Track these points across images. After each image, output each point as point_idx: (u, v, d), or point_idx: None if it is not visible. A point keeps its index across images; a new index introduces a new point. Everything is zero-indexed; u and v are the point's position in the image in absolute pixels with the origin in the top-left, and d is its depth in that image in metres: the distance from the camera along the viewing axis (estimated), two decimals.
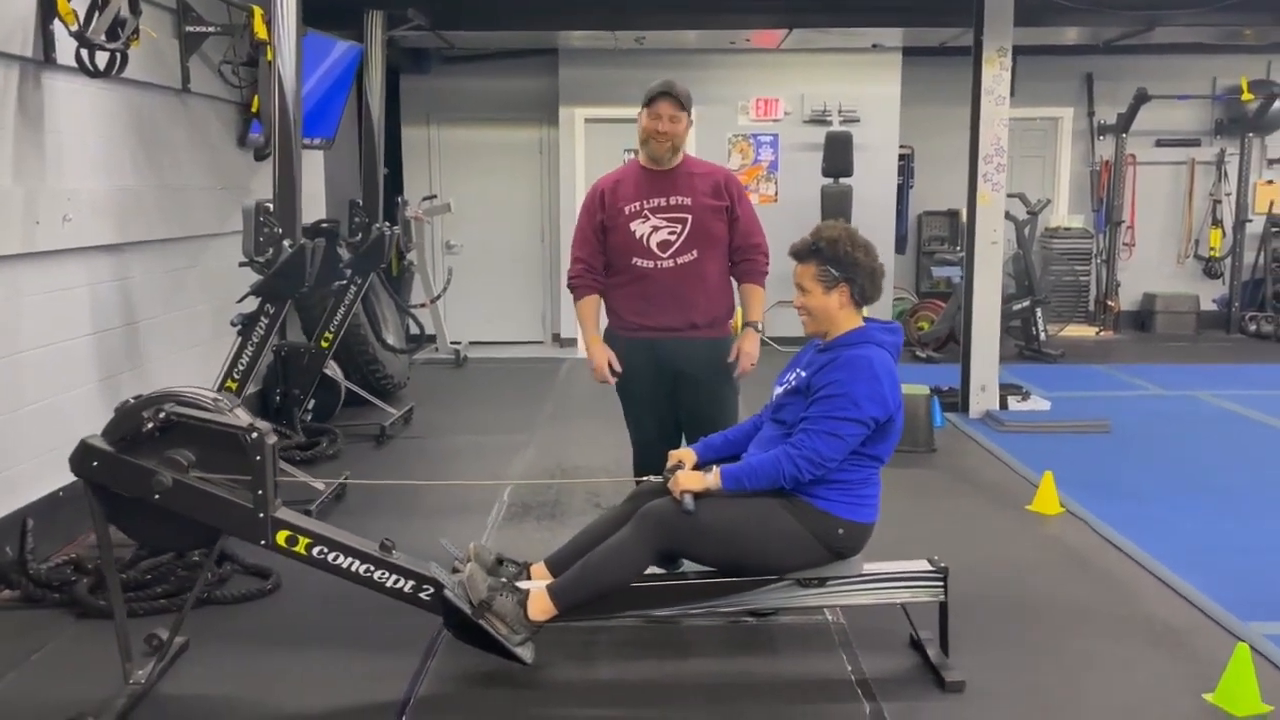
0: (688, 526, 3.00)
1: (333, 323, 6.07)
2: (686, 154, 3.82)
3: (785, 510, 3.03)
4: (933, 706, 2.95)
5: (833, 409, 2.97)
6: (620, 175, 3.84)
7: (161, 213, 5.04)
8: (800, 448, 2.97)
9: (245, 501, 2.90)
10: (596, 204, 3.77)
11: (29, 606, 3.65)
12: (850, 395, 2.96)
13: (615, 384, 3.79)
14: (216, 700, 3.02)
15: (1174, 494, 4.99)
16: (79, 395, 4.33)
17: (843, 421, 2.95)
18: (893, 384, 3.03)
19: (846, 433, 2.96)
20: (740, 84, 9.42)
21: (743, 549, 3.05)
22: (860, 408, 2.95)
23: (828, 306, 3.11)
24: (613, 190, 3.76)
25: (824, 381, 3.02)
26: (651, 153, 3.71)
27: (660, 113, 3.66)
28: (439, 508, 4.76)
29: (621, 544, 3.03)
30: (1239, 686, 2.91)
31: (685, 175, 3.75)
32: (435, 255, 9.60)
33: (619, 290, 3.78)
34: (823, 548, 3.05)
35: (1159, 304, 10.45)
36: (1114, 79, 10.05)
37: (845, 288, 3.10)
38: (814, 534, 3.03)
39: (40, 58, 4.00)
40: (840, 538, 3.05)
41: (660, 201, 3.69)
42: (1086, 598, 3.75)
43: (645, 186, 3.72)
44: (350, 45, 6.68)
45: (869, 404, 2.96)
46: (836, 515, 3.03)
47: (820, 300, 3.11)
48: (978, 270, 6.56)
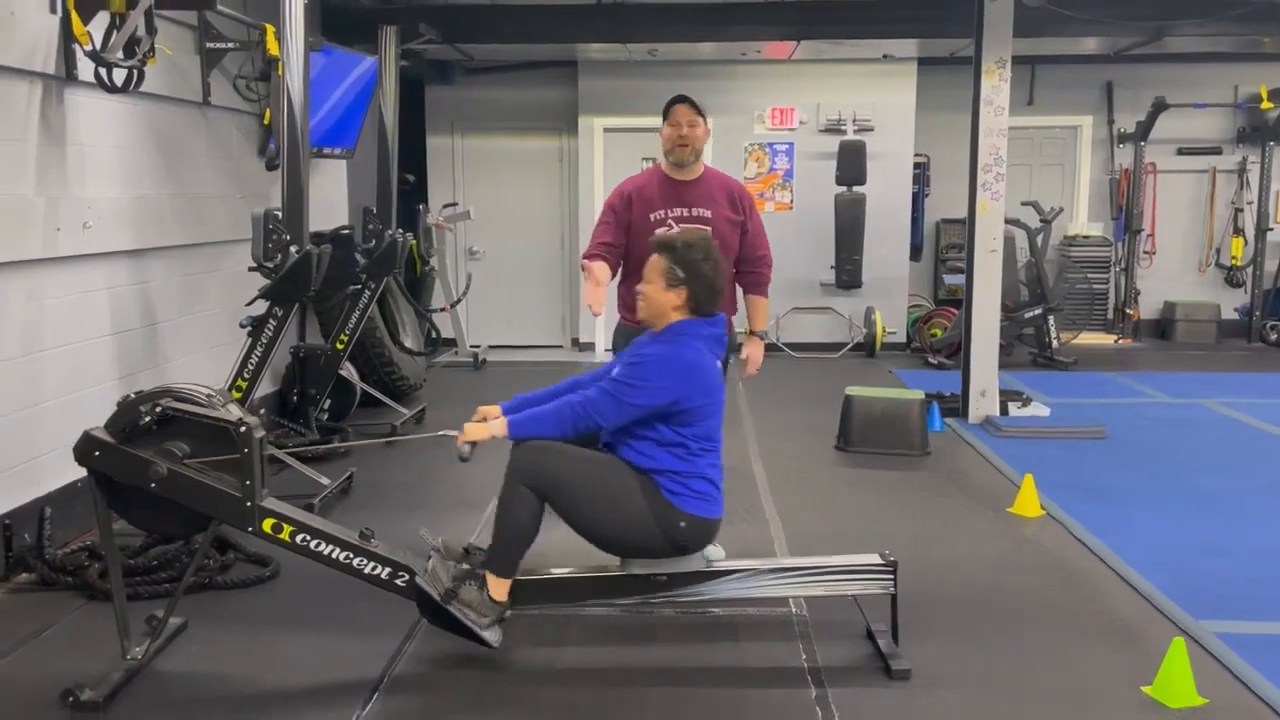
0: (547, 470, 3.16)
1: (348, 326, 6.31)
2: (706, 165, 4.04)
3: (640, 494, 3.18)
4: (876, 692, 3.09)
5: (623, 375, 3.17)
6: (645, 181, 4.06)
7: (180, 220, 5.30)
8: (583, 399, 3.17)
9: (234, 490, 3.11)
10: (624, 203, 3.98)
11: (44, 589, 3.90)
12: (643, 371, 3.16)
13: None
14: (206, 676, 3.23)
15: (1157, 498, 5.07)
16: (98, 392, 4.58)
17: (625, 386, 3.14)
18: (693, 376, 3.18)
19: (624, 396, 3.13)
20: (756, 94, 9.59)
21: (591, 516, 3.20)
22: (644, 385, 3.13)
23: (665, 301, 3.29)
24: (639, 194, 3.98)
25: (631, 356, 3.23)
26: (676, 159, 3.94)
27: (679, 119, 3.90)
28: (439, 503, 4.97)
29: (502, 497, 3.23)
30: (1175, 679, 3.02)
31: (706, 187, 3.98)
32: (458, 261, 9.85)
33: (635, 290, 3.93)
34: (664, 538, 3.19)
35: (1179, 312, 10.43)
36: (1134, 87, 10.06)
37: (684, 291, 3.28)
38: (658, 523, 3.17)
39: (62, 74, 4.27)
40: (682, 530, 3.20)
41: (683, 212, 3.93)
42: (1047, 595, 3.86)
43: (670, 195, 3.95)
44: (373, 60, 6.94)
45: (654, 383, 3.13)
46: (679, 508, 3.18)
47: (659, 294, 3.30)
48: (977, 278, 6.66)
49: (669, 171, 4.00)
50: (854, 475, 5.57)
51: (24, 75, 4.07)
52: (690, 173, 3.97)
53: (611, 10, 7.95)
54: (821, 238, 9.30)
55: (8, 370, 4.04)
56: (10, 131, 4.02)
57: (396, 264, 6.56)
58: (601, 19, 7.94)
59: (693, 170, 3.97)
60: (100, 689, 3.02)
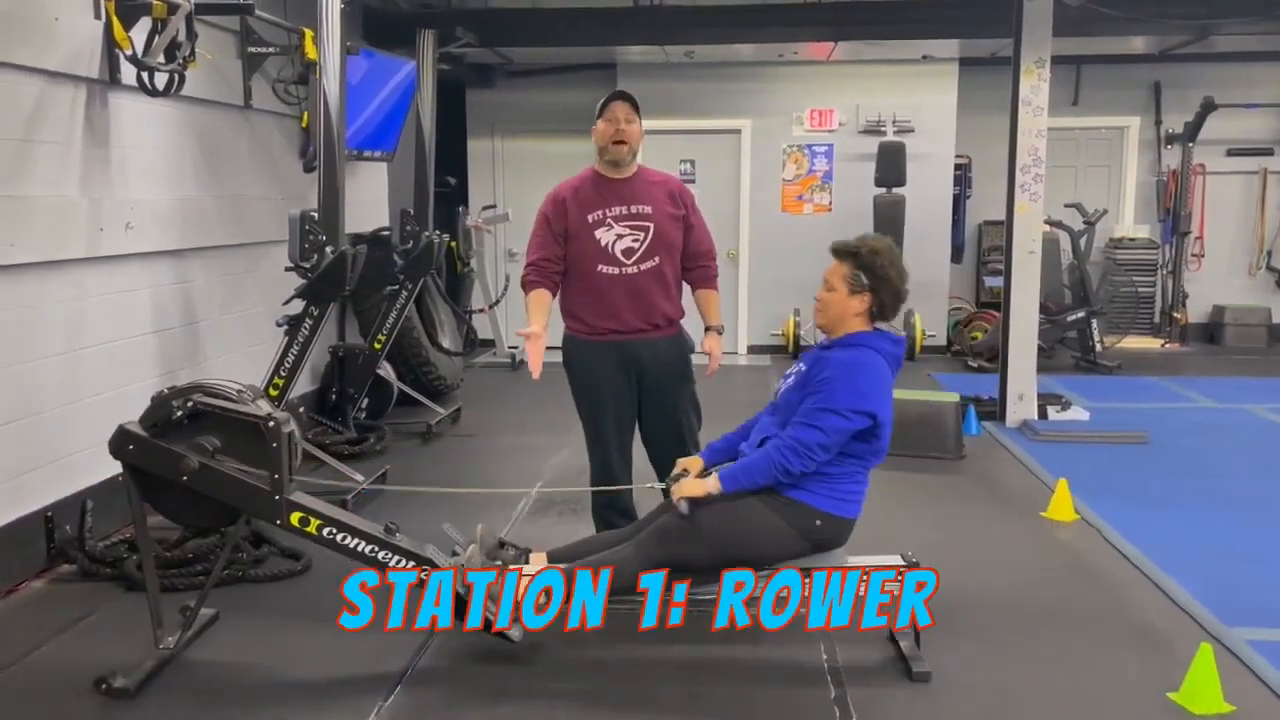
0: (681, 538, 3.20)
1: (385, 325, 6.39)
2: (640, 164, 3.93)
3: (764, 505, 3.19)
4: (895, 694, 3.07)
5: (816, 402, 3.12)
6: (578, 184, 3.91)
7: (222, 220, 5.41)
8: (785, 439, 3.14)
9: (263, 484, 3.17)
10: (558, 211, 3.86)
11: (84, 580, 4.01)
12: (831, 391, 3.11)
13: (580, 389, 3.98)
14: (235, 666, 3.30)
15: (1195, 504, 4.98)
16: (139, 389, 4.68)
17: (822, 413, 3.10)
18: (879, 390, 3.16)
19: (825, 424, 3.09)
20: (795, 95, 9.56)
21: (729, 549, 3.21)
22: (838, 403, 3.09)
23: (846, 308, 3.26)
24: (574, 198, 3.85)
25: (817, 376, 3.18)
26: (611, 158, 3.81)
27: (616, 115, 3.78)
28: (470, 500, 5.00)
29: (620, 557, 3.25)
30: (1201, 686, 2.97)
31: (643, 184, 3.88)
32: (497, 263, 9.93)
33: (581, 296, 3.89)
34: (801, 539, 3.20)
35: (1229, 316, 10.24)
36: (1182, 87, 9.88)
37: (868, 297, 3.24)
38: (792, 526, 3.19)
39: (106, 79, 4.38)
40: (818, 529, 3.20)
41: (622, 210, 3.81)
42: (1077, 599, 3.82)
43: (607, 195, 3.83)
44: (412, 64, 7.03)
45: (847, 401, 3.09)
46: (814, 507, 3.19)
47: (841, 300, 3.26)
48: (1016, 280, 6.59)
49: (603, 170, 3.87)
50: (886, 478, 5.48)
51: (68, 79, 4.19)
52: (625, 171, 3.85)
53: (648, 12, 7.98)
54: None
55: (51, 366, 4.16)
56: (55, 134, 4.14)
57: (433, 265, 6.64)
58: (639, 21, 7.97)
59: (628, 169, 3.86)
60: (133, 677, 3.10)
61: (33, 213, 3.98)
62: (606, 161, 3.85)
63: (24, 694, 3.13)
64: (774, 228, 9.70)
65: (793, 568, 3.21)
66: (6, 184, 3.87)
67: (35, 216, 4.00)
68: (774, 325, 9.78)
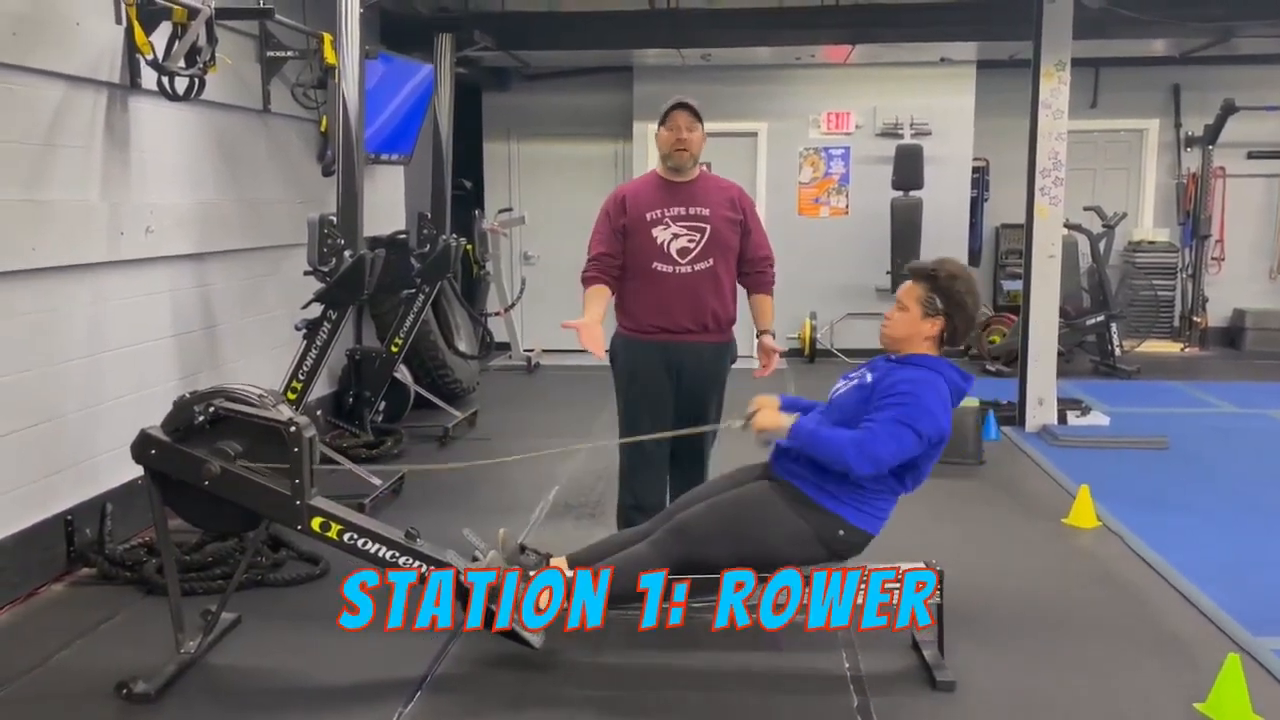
0: (699, 537, 3.19)
1: (402, 329, 6.40)
2: (702, 168, 4.04)
3: (789, 508, 3.18)
4: (918, 703, 3.05)
5: (900, 414, 3.06)
6: (641, 184, 4.08)
7: (241, 224, 5.43)
8: (864, 442, 3.06)
9: (284, 489, 3.17)
10: (618, 208, 3.98)
11: (104, 583, 4.01)
12: (920, 404, 3.07)
13: (623, 386, 4.04)
14: (256, 670, 3.30)
15: (1218, 510, 4.94)
16: (159, 392, 4.69)
17: (904, 427, 3.05)
18: (947, 416, 3.13)
19: (905, 439, 3.06)
20: (812, 98, 9.54)
21: (747, 549, 3.19)
22: (922, 417, 3.05)
23: (917, 330, 3.24)
24: (634, 196, 3.98)
25: (894, 388, 3.12)
26: (675, 164, 3.93)
27: (678, 123, 3.89)
28: (489, 504, 5.02)
29: (640, 555, 3.24)
30: (1229, 696, 2.93)
31: (704, 188, 3.98)
32: (513, 266, 9.93)
33: (635, 293, 3.99)
34: (821, 546, 3.18)
35: (1249, 320, 10.16)
36: (1202, 89, 9.83)
37: (941, 322, 3.23)
38: (815, 531, 3.17)
39: (126, 83, 4.39)
40: (839, 539, 3.19)
41: (680, 210, 3.91)
42: (1100, 607, 3.78)
43: (667, 196, 3.95)
44: (430, 68, 7.04)
45: (929, 418, 3.06)
46: (840, 516, 3.17)
47: (914, 322, 3.24)
48: (1035, 283, 6.55)
49: (665, 174, 3.99)
50: None
51: (89, 84, 4.20)
52: (687, 175, 3.97)
53: (665, 16, 7.97)
54: (877, 242, 9.19)
55: (72, 370, 4.17)
56: (76, 138, 4.15)
57: (450, 268, 6.64)
58: (655, 24, 7.96)
59: (690, 173, 3.97)
60: (153, 681, 3.10)
61: (54, 216, 3.99)
62: (669, 166, 3.96)
63: (46, 698, 3.13)
64: (790, 231, 9.63)
65: (793, 568, 3.18)
66: (28, 188, 3.88)
67: (56, 220, 4.01)
68: (790, 329, 9.73)
